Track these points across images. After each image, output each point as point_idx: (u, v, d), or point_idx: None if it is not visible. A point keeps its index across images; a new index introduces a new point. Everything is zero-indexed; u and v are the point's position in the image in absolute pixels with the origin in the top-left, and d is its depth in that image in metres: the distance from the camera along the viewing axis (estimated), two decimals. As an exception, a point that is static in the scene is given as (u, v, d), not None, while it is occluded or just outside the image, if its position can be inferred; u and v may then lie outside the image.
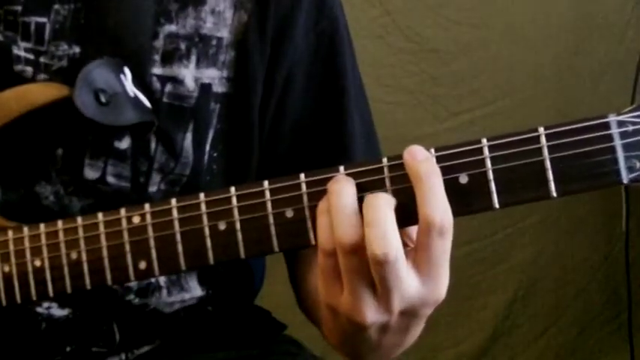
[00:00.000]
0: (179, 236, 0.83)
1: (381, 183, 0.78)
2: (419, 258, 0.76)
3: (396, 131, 1.95)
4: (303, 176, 0.80)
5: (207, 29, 1.00)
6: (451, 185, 0.76)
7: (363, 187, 0.77)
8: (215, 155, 1.01)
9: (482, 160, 0.76)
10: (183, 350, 1.07)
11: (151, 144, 0.98)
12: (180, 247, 0.83)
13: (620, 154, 0.74)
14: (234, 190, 0.82)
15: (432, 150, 0.77)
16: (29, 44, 0.98)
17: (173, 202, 0.83)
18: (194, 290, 1.06)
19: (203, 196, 0.82)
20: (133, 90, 0.96)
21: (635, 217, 2.22)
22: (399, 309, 0.77)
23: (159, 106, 0.98)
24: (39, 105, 0.94)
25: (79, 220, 0.87)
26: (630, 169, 0.74)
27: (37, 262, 0.88)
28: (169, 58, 0.99)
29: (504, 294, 2.27)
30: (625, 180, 0.75)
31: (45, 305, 1.00)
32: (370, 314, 0.78)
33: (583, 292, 2.30)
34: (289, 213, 0.80)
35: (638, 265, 2.24)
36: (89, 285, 0.87)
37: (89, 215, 0.87)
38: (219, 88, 1.00)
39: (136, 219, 0.84)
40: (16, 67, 0.98)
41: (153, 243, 0.84)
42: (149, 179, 0.99)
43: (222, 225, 0.82)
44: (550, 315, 2.30)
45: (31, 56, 0.98)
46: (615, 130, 0.74)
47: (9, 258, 0.89)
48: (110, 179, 0.98)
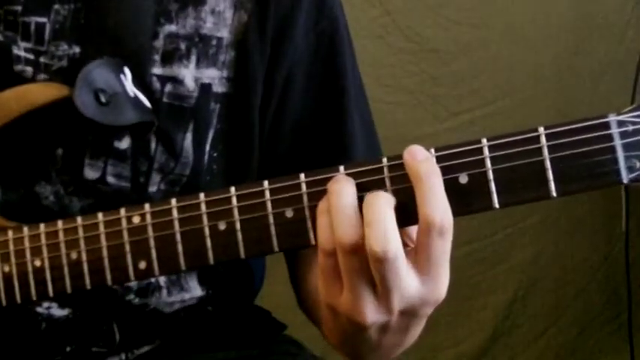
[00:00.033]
0: (179, 236, 0.83)
1: (381, 183, 0.78)
2: (419, 258, 0.76)
3: (396, 131, 1.95)
4: (303, 176, 0.80)
5: (207, 29, 1.00)
6: (451, 185, 0.76)
7: (363, 187, 0.77)
8: (215, 155, 1.01)
9: (482, 160, 0.76)
10: (183, 350, 1.07)
11: (151, 144, 0.98)
12: (180, 247, 0.83)
13: (620, 153, 0.74)
14: (234, 190, 0.82)
15: (432, 150, 0.77)
16: (29, 44, 0.98)
17: (173, 202, 0.83)
18: (194, 290, 1.06)
19: (203, 196, 0.82)
20: (133, 90, 0.96)
21: (635, 217, 2.22)
22: (399, 309, 0.77)
23: (159, 106, 0.98)
24: (39, 105, 0.94)
25: (79, 220, 0.87)
26: (630, 169, 0.74)
27: (37, 262, 0.88)
28: (169, 58, 0.99)
29: (504, 294, 2.27)
30: (625, 180, 0.75)
31: (45, 305, 1.00)
32: (370, 314, 0.78)
33: (583, 292, 2.30)
34: (289, 213, 0.80)
35: (638, 265, 2.24)
36: (89, 285, 0.87)
37: (89, 215, 0.87)
38: (219, 88, 1.00)
39: (136, 219, 0.84)
40: (16, 67, 0.98)
41: (153, 243, 0.84)
42: (149, 179, 0.99)
43: (222, 225, 0.82)
44: (550, 315, 2.30)
45: (31, 56, 0.98)
46: (615, 130, 0.74)
47: (9, 258, 0.89)
48: (110, 179, 0.98)
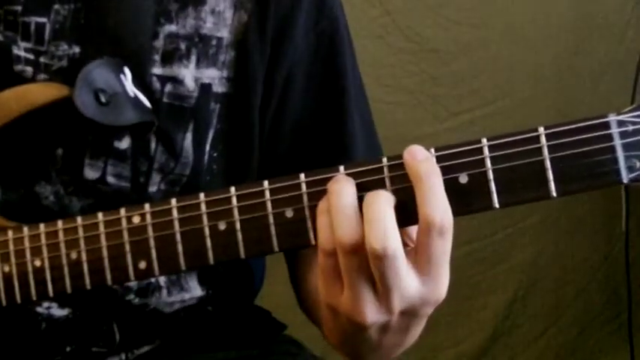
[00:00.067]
0: (179, 236, 0.83)
1: (381, 183, 0.77)
2: (419, 258, 0.76)
3: (396, 131, 1.95)
4: (303, 176, 0.80)
5: (207, 29, 1.00)
6: (451, 185, 0.76)
7: (363, 187, 0.77)
8: (215, 155, 1.01)
9: (482, 160, 0.76)
10: (183, 350, 1.07)
11: (151, 144, 0.98)
12: (180, 247, 0.83)
13: (620, 153, 0.74)
14: (234, 190, 0.81)
15: (432, 150, 0.77)
16: (29, 44, 0.98)
17: (173, 202, 0.83)
18: (194, 290, 1.06)
19: (203, 196, 0.82)
20: (133, 90, 0.96)
21: (635, 217, 2.22)
22: (399, 309, 0.77)
23: (159, 106, 0.98)
24: (39, 105, 0.94)
25: (78, 220, 0.87)
26: (630, 168, 0.74)
27: (37, 262, 0.88)
28: (169, 58, 0.99)
29: (504, 294, 2.27)
30: (625, 180, 0.75)
31: (45, 305, 1.00)
32: (370, 314, 0.77)
33: (583, 292, 2.30)
34: (289, 213, 0.80)
35: (638, 265, 2.24)
36: (89, 285, 0.87)
37: (89, 215, 0.87)
38: (219, 88, 1.00)
39: (136, 219, 0.84)
40: (16, 67, 0.98)
41: (153, 243, 0.84)
42: (149, 179, 0.99)
43: (222, 225, 0.82)
44: (550, 315, 2.30)
45: (31, 56, 0.98)
46: (615, 130, 0.74)
47: (9, 258, 0.89)
48: (110, 179, 0.98)
